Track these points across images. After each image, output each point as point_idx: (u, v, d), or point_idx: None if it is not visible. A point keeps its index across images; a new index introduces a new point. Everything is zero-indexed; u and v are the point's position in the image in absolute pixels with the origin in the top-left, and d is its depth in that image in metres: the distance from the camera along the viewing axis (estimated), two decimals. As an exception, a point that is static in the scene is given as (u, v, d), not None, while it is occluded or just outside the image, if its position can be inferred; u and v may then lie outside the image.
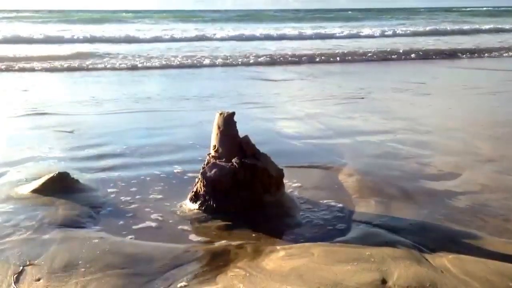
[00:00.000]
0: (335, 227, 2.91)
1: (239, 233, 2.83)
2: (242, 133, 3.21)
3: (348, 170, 3.93)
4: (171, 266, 2.42)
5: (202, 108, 6.62)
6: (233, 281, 2.28)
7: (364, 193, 3.46)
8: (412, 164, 4.13)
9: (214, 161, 3.15)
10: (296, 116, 6.14)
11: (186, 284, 2.26)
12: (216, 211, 3.05)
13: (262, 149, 3.25)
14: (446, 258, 2.46)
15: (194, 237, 2.81)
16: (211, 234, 2.82)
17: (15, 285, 2.24)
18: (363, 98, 7.42)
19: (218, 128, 3.19)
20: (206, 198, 3.10)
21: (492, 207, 3.18)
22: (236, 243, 2.68)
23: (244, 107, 6.54)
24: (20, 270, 2.36)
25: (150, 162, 4.16)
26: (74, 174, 3.64)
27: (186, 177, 3.73)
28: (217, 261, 2.49)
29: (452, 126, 5.55)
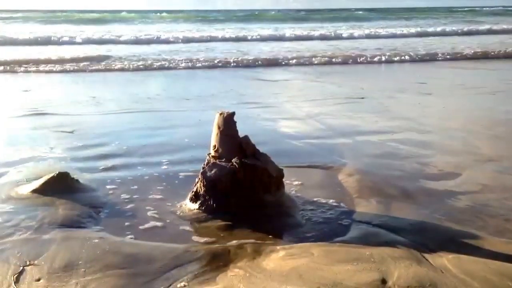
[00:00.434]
0: (335, 227, 2.91)
1: (239, 233, 2.83)
2: (242, 133, 3.21)
3: (348, 170, 3.93)
4: (171, 266, 2.42)
5: (202, 108, 6.62)
6: (233, 281, 2.28)
7: (364, 193, 3.46)
8: (412, 164, 4.13)
9: (214, 161, 3.15)
10: (296, 116, 6.14)
11: (186, 284, 2.26)
12: (216, 211, 3.05)
13: (262, 149, 3.25)
14: (446, 258, 2.46)
15: (194, 237, 2.81)
16: (211, 234, 2.81)
17: (15, 285, 2.24)
18: (363, 98, 7.41)
19: (218, 128, 3.20)
20: (206, 198, 3.10)
21: (492, 207, 3.18)
22: (236, 243, 2.68)
23: (244, 107, 6.54)
24: (20, 270, 2.36)
25: (150, 162, 4.16)
26: (75, 174, 3.64)
27: (186, 177, 3.73)
28: (217, 261, 2.49)
29: (452, 126, 5.54)
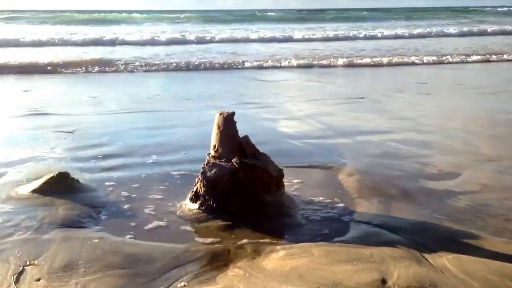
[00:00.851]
0: (335, 227, 2.91)
1: (239, 233, 2.83)
2: (242, 133, 3.21)
3: (348, 169, 3.93)
4: (171, 266, 2.42)
5: (202, 108, 6.62)
6: (233, 281, 2.28)
7: (364, 192, 3.46)
8: (412, 164, 4.13)
9: (214, 161, 3.15)
10: (296, 116, 6.15)
11: (186, 284, 2.26)
12: (216, 211, 3.05)
13: (262, 149, 3.25)
14: (446, 258, 2.47)
15: (194, 237, 2.81)
16: (211, 234, 2.82)
17: (15, 285, 2.24)
18: (363, 98, 7.42)
19: (218, 128, 3.20)
20: (206, 198, 3.10)
21: (492, 207, 3.18)
22: (236, 243, 2.68)
23: (244, 107, 6.54)
24: (20, 270, 2.36)
25: (150, 162, 4.17)
26: (75, 174, 3.64)
27: (186, 177, 3.73)
28: (217, 261, 2.49)
29: (452, 126, 5.55)
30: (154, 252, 2.56)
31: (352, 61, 12.36)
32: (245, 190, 3.09)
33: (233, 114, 3.20)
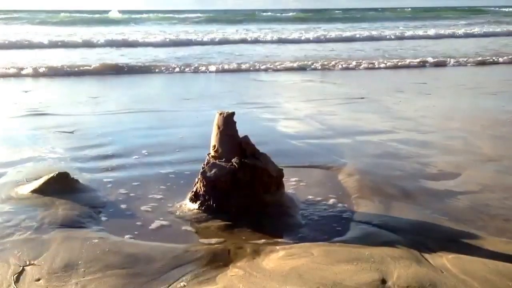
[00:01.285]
0: (335, 227, 2.91)
1: (239, 233, 2.83)
2: (242, 133, 3.21)
3: (348, 169, 3.93)
4: (171, 266, 2.42)
5: (202, 108, 6.62)
6: (233, 281, 2.28)
7: (364, 192, 3.46)
8: (412, 164, 4.13)
9: (214, 161, 3.15)
10: (296, 116, 6.15)
11: (186, 284, 2.26)
12: (216, 211, 3.05)
13: (262, 149, 3.25)
14: (445, 258, 2.47)
15: (194, 237, 2.82)
16: (211, 234, 2.82)
17: (15, 285, 2.24)
18: (363, 98, 7.42)
19: (218, 128, 3.19)
20: (206, 198, 3.10)
21: (492, 207, 3.18)
22: (236, 243, 2.68)
23: (244, 107, 6.54)
24: (20, 270, 2.36)
25: (150, 162, 4.16)
26: (74, 174, 3.64)
27: (186, 177, 3.73)
28: (217, 261, 2.49)
29: (452, 126, 5.55)
30: (154, 252, 2.56)
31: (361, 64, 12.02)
32: (245, 190, 3.08)
33: (233, 114, 3.20)
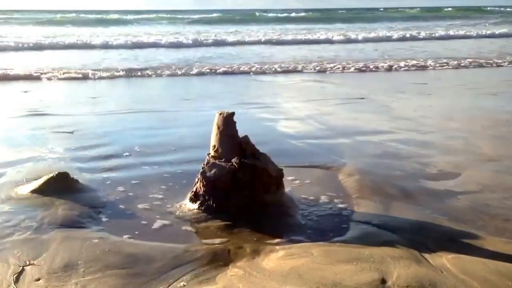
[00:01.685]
0: (335, 227, 2.91)
1: (239, 233, 2.83)
2: (242, 133, 3.21)
3: (348, 169, 3.93)
4: (171, 266, 2.42)
5: (201, 108, 6.62)
6: (232, 281, 2.28)
7: (364, 192, 3.46)
8: (412, 164, 4.12)
9: (214, 161, 3.15)
10: (296, 116, 6.14)
11: (185, 284, 2.26)
12: (215, 211, 3.05)
13: (262, 149, 3.25)
14: (445, 258, 2.47)
15: (194, 237, 2.82)
16: (211, 234, 2.82)
17: (15, 285, 2.24)
18: (363, 98, 7.41)
19: (218, 128, 3.19)
20: (206, 198, 3.10)
21: (492, 207, 3.18)
22: (236, 243, 2.68)
23: (244, 107, 6.54)
24: (19, 270, 2.36)
25: (150, 162, 4.16)
26: (74, 174, 3.64)
27: (186, 177, 3.73)
28: (217, 261, 2.49)
29: (452, 126, 5.54)
30: (153, 252, 2.56)
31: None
32: (244, 190, 3.08)
33: (232, 114, 3.20)
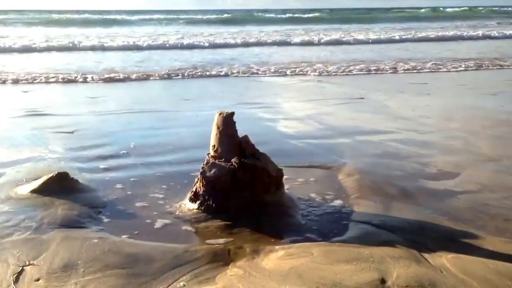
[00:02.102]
0: (335, 227, 2.91)
1: (239, 233, 2.83)
2: (241, 133, 3.21)
3: (348, 169, 3.93)
4: (171, 266, 2.42)
5: (201, 108, 6.62)
6: (232, 281, 2.28)
7: (363, 192, 3.46)
8: (412, 163, 4.13)
9: (214, 161, 3.15)
10: (296, 116, 6.15)
11: (185, 284, 2.26)
12: (215, 211, 3.05)
13: (261, 149, 3.25)
14: (445, 258, 2.47)
15: (193, 237, 2.82)
16: (211, 234, 2.82)
17: (15, 285, 2.24)
18: (363, 98, 7.42)
19: (218, 128, 3.19)
20: (206, 198, 3.10)
21: (492, 207, 3.18)
22: (235, 243, 2.68)
23: (243, 107, 6.54)
24: (19, 270, 2.36)
25: (150, 162, 4.16)
26: (74, 174, 3.64)
27: (186, 177, 3.73)
28: (216, 261, 2.49)
29: (452, 126, 5.55)
30: (153, 252, 2.56)
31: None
32: (244, 190, 3.08)
33: (232, 114, 3.20)
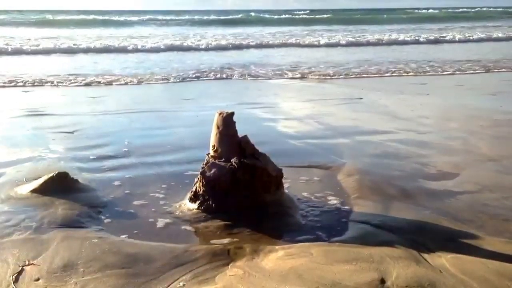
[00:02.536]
0: (334, 227, 2.91)
1: (239, 233, 2.83)
2: (241, 133, 3.21)
3: (347, 169, 3.93)
4: (171, 266, 2.42)
5: (201, 108, 6.62)
6: (232, 280, 2.28)
7: (363, 192, 3.46)
8: (411, 164, 4.13)
9: (214, 161, 3.15)
10: (295, 116, 6.15)
11: (185, 284, 2.26)
12: (215, 211, 3.05)
13: (261, 149, 3.25)
14: (445, 258, 2.47)
15: (193, 237, 2.82)
16: (211, 234, 2.82)
17: (14, 285, 2.24)
18: (362, 98, 7.42)
19: (217, 128, 3.20)
20: (206, 198, 3.10)
21: (491, 207, 3.18)
22: (235, 243, 2.68)
23: (243, 107, 6.55)
24: (19, 270, 2.36)
25: (149, 162, 4.17)
26: (74, 174, 3.64)
27: (186, 177, 3.73)
28: (216, 261, 2.49)
29: (451, 126, 5.55)
30: (153, 252, 2.56)
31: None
32: (244, 190, 3.09)
33: (232, 114, 3.20)
